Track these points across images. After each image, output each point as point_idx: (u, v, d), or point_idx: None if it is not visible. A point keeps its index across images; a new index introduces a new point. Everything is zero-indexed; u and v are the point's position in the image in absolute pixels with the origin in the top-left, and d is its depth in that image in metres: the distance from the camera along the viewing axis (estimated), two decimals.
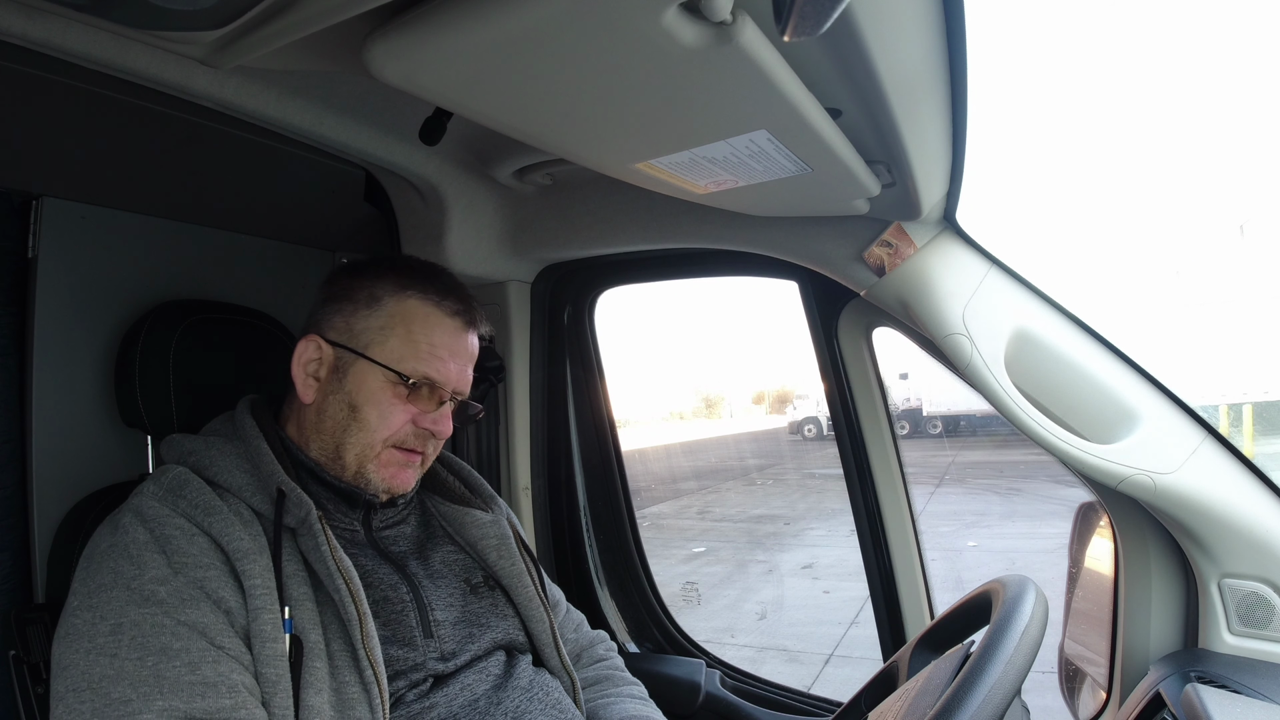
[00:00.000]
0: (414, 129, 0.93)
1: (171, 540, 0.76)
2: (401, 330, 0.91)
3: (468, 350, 0.96)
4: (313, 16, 0.58)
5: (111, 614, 0.72)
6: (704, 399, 51.33)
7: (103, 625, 0.71)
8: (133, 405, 1.02)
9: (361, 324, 0.92)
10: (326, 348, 0.92)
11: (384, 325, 0.91)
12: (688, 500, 12.20)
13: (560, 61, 0.58)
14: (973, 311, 1.01)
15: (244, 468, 0.85)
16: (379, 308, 0.92)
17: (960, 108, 0.79)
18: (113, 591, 0.73)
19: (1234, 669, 0.92)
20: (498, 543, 1.00)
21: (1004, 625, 0.71)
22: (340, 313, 0.93)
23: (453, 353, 0.94)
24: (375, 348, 0.91)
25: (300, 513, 0.82)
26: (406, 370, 0.90)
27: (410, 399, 0.91)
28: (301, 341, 0.92)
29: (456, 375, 0.94)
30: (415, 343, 0.91)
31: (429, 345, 0.92)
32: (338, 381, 0.91)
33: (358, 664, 0.77)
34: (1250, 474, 0.97)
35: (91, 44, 0.69)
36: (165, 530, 0.77)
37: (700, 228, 1.23)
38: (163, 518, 0.78)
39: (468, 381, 0.97)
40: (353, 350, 0.91)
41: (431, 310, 0.93)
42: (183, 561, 0.76)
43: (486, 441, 1.50)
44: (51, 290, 1.05)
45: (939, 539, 7.42)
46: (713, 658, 1.54)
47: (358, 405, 0.90)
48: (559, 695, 0.95)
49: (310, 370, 0.92)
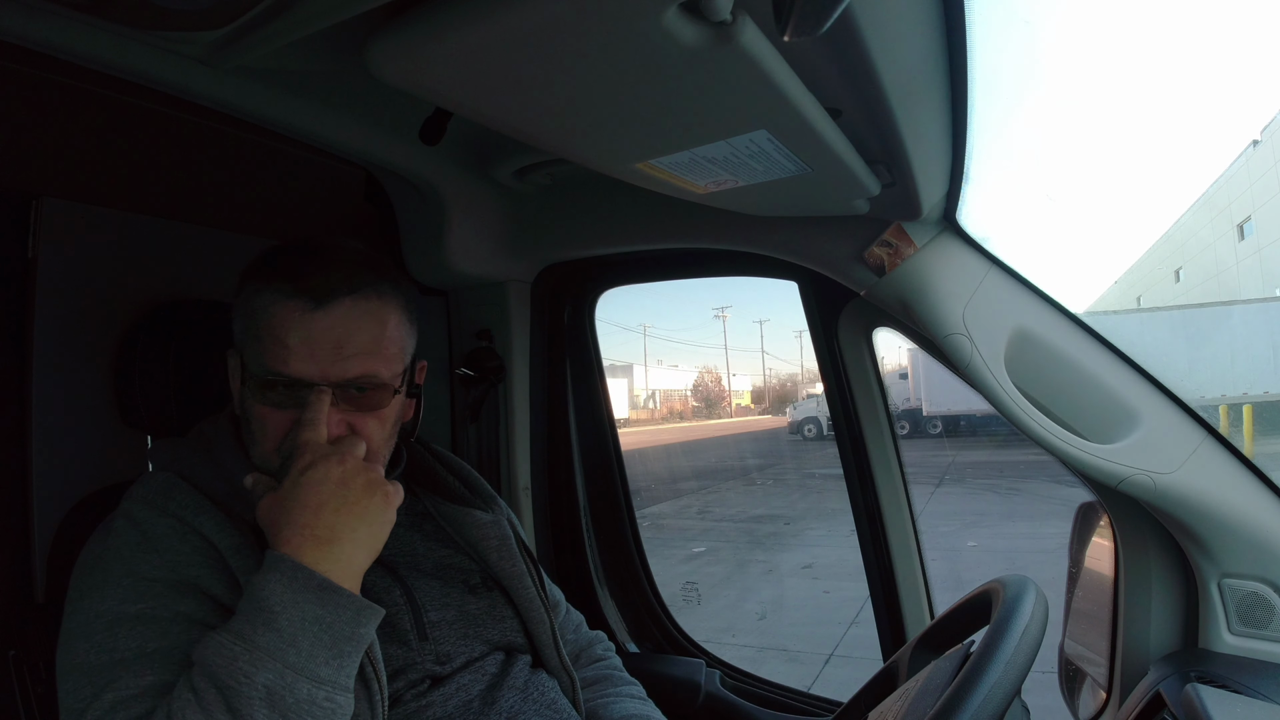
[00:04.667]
0: (414, 129, 0.93)
1: (163, 540, 0.77)
2: (250, 327, 0.83)
3: (330, 334, 0.81)
4: (313, 16, 0.58)
5: (106, 612, 0.72)
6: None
7: (98, 623, 0.72)
8: (133, 405, 1.02)
9: (236, 328, 0.86)
10: (235, 356, 0.87)
11: (243, 326, 0.84)
12: (688, 500, 12.20)
13: (560, 61, 0.58)
14: (973, 311, 1.01)
15: (220, 473, 0.85)
16: (240, 308, 0.85)
17: (960, 108, 0.79)
18: (105, 590, 0.74)
19: (1234, 669, 0.92)
20: (498, 543, 0.99)
21: (1004, 625, 0.71)
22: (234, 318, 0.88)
23: (305, 339, 0.80)
24: (247, 351, 0.84)
25: None
26: (258, 371, 0.81)
27: (274, 401, 0.81)
28: (228, 355, 0.89)
29: (318, 366, 0.80)
30: (261, 337, 0.81)
31: (273, 338, 0.81)
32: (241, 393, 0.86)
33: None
34: (1250, 474, 0.97)
35: (91, 44, 0.69)
36: (157, 530, 0.77)
37: (700, 228, 1.23)
38: (154, 519, 0.78)
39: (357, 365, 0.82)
40: (240, 357, 0.86)
41: (272, 298, 0.81)
42: (175, 560, 0.76)
43: (486, 441, 1.50)
44: (51, 290, 1.05)
45: (939, 539, 7.42)
46: (713, 658, 1.54)
47: (248, 417, 0.84)
48: (555, 695, 0.95)
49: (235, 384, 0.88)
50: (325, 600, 0.69)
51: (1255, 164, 20.41)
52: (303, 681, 0.66)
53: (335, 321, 0.81)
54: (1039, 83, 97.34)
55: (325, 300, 0.81)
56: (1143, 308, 23.40)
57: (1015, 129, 68.25)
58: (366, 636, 0.71)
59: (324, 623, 0.68)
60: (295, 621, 0.67)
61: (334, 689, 0.67)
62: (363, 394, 0.84)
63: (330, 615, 0.68)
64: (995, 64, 0.73)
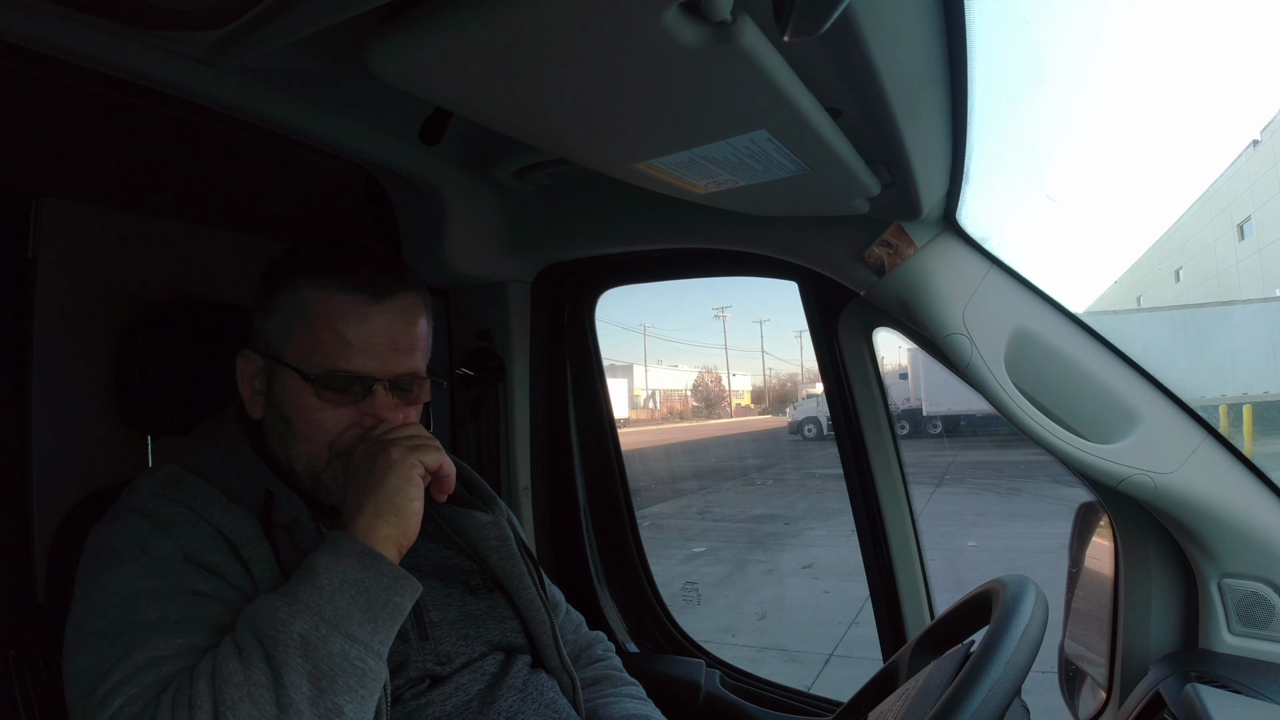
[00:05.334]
0: (414, 129, 0.93)
1: (175, 526, 0.77)
2: (302, 324, 0.83)
3: (388, 327, 0.84)
4: (313, 16, 0.58)
5: (123, 588, 0.72)
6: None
7: (115, 599, 0.72)
8: (133, 405, 1.02)
9: (273, 328, 0.86)
10: (258, 359, 0.87)
11: (289, 324, 0.84)
12: (688, 500, 12.20)
13: (560, 61, 0.58)
14: (973, 311, 1.01)
15: (230, 470, 0.85)
16: (281, 306, 0.85)
17: (960, 108, 0.79)
18: (120, 568, 0.73)
19: (1234, 669, 0.92)
20: (498, 544, 0.99)
21: (1004, 625, 0.71)
22: (259, 319, 0.87)
23: (366, 335, 0.83)
24: (287, 351, 0.84)
25: (293, 512, 0.82)
26: (314, 368, 0.82)
27: (331, 399, 0.83)
28: (239, 359, 0.88)
29: (380, 361, 0.84)
30: (317, 336, 0.82)
31: (334, 335, 0.82)
32: (271, 393, 0.86)
33: None
34: (1250, 474, 0.97)
35: (91, 44, 0.69)
36: (168, 517, 0.77)
37: (700, 228, 1.23)
38: (163, 507, 0.78)
39: (403, 361, 0.86)
40: (273, 357, 0.85)
41: (330, 294, 0.83)
42: (188, 544, 0.76)
43: (486, 441, 1.50)
44: (51, 290, 1.05)
45: (939, 539, 7.41)
46: (713, 657, 1.54)
47: (288, 416, 0.85)
48: (554, 695, 0.95)
49: (256, 387, 0.88)
50: (365, 565, 0.72)
51: (1255, 164, 20.41)
52: (336, 636, 0.67)
53: (392, 317, 0.85)
54: (1039, 83, 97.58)
55: (382, 296, 0.84)
56: (1143, 308, 23.40)
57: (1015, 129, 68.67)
58: (402, 605, 0.73)
59: (361, 585, 0.71)
60: (335, 581, 0.70)
61: (366, 650, 0.69)
62: (409, 389, 0.87)
63: (369, 579, 0.71)
64: (995, 64, 0.73)
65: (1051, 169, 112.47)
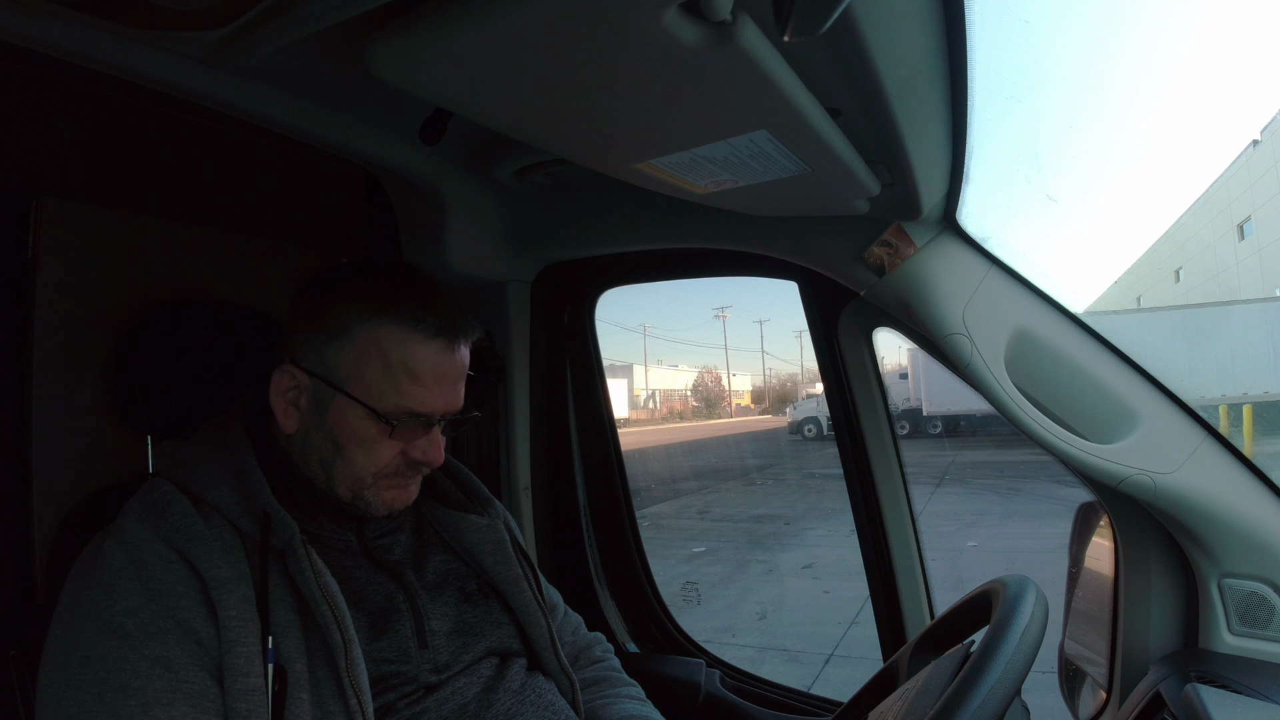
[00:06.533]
0: (414, 129, 0.93)
1: (148, 567, 0.75)
2: (378, 362, 0.83)
3: (456, 369, 0.88)
4: (313, 16, 0.58)
5: (83, 644, 0.72)
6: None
7: (74, 657, 0.71)
8: (133, 405, 1.02)
9: (335, 356, 0.84)
10: (303, 376, 0.85)
11: (358, 358, 0.83)
12: (688, 500, 12.20)
13: (560, 61, 0.58)
14: (973, 311, 1.01)
15: (231, 484, 0.83)
16: (350, 338, 0.83)
17: (960, 108, 0.79)
18: (85, 621, 0.73)
19: (1234, 669, 0.92)
20: (494, 548, 0.99)
21: (1004, 625, 0.71)
22: (311, 342, 0.85)
23: (439, 378, 0.85)
24: (353, 383, 0.83)
25: (285, 535, 0.80)
26: (388, 407, 0.83)
27: (395, 435, 0.85)
28: (276, 372, 0.86)
29: (445, 400, 0.87)
30: (394, 375, 0.83)
31: (410, 376, 0.83)
32: (318, 415, 0.85)
33: (342, 692, 0.75)
34: (1250, 474, 0.97)
35: (91, 44, 0.69)
36: (143, 556, 0.75)
37: (700, 228, 1.23)
38: (143, 542, 0.76)
39: (459, 398, 0.89)
40: (329, 384, 0.84)
41: (408, 335, 0.83)
42: (157, 589, 0.74)
43: (486, 441, 1.50)
44: (51, 290, 1.05)
45: (939, 539, 7.41)
46: (713, 657, 1.54)
47: (341, 443, 0.85)
48: (552, 697, 0.95)
49: (290, 399, 0.86)
50: None
51: (1255, 164, 20.40)
52: None
53: (460, 362, 0.88)
54: (1039, 83, 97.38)
55: (456, 339, 0.87)
56: (1143, 308, 23.39)
57: (1015, 129, 68.45)
58: None
59: None
60: None
61: None
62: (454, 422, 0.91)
63: None
64: (995, 64, 0.73)
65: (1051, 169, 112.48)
